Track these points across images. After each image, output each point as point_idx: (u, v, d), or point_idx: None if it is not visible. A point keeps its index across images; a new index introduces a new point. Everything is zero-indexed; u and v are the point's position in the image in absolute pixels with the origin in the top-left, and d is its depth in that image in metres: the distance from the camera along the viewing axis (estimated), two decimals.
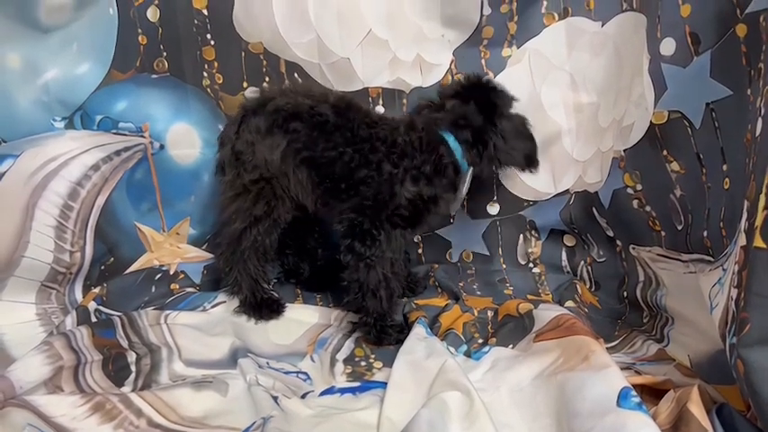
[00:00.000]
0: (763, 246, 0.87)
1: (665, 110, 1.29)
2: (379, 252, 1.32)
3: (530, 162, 1.37)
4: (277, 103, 1.36)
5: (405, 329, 1.35)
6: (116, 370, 1.19)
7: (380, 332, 1.35)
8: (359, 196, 1.32)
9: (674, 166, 1.30)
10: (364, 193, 1.31)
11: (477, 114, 1.33)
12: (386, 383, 1.14)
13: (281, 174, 1.36)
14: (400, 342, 1.28)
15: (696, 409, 0.95)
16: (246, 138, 1.36)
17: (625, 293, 1.51)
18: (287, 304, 1.47)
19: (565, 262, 1.65)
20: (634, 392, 0.97)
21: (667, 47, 1.27)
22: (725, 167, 1.16)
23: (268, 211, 1.38)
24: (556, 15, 1.49)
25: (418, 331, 1.28)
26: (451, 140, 1.33)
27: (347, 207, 1.33)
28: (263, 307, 1.43)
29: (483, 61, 1.54)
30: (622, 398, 0.96)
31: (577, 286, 1.53)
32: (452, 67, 1.55)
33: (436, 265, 1.66)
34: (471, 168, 1.37)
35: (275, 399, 1.10)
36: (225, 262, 1.44)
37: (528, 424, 1.05)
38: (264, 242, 1.40)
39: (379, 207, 1.31)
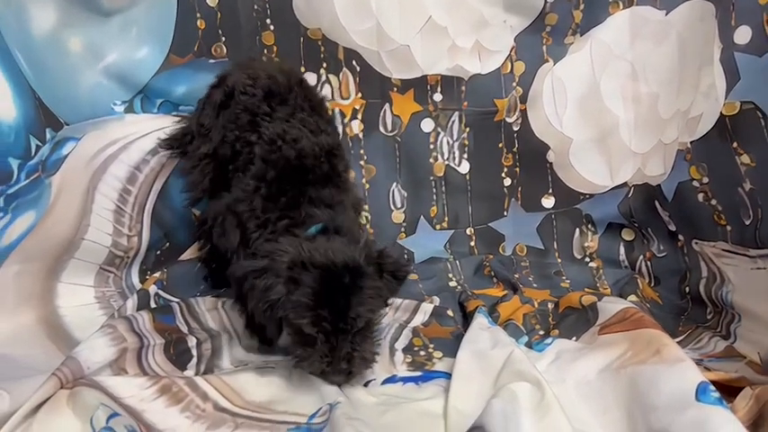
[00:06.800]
0: None
1: (737, 100, 1.26)
2: None
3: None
4: (234, 78, 1.34)
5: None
6: (177, 354, 1.18)
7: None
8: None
9: (745, 158, 1.27)
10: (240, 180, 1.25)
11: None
12: (447, 373, 1.12)
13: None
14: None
15: None
16: (208, 111, 1.37)
17: (687, 289, 1.47)
18: None
19: (623, 256, 1.62)
20: (712, 387, 0.94)
21: (742, 35, 1.24)
22: None
23: (211, 187, 1.39)
24: (621, 4, 1.47)
25: (480, 321, 1.26)
26: (312, 230, 1.14)
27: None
28: None
29: (544, 48, 1.53)
30: (701, 392, 0.92)
31: (638, 281, 1.50)
32: (512, 53, 1.53)
33: (491, 255, 1.64)
34: None
35: (339, 386, 1.09)
36: None
37: (597, 417, 1.02)
38: None
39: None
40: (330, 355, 1.04)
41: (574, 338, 1.24)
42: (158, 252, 1.51)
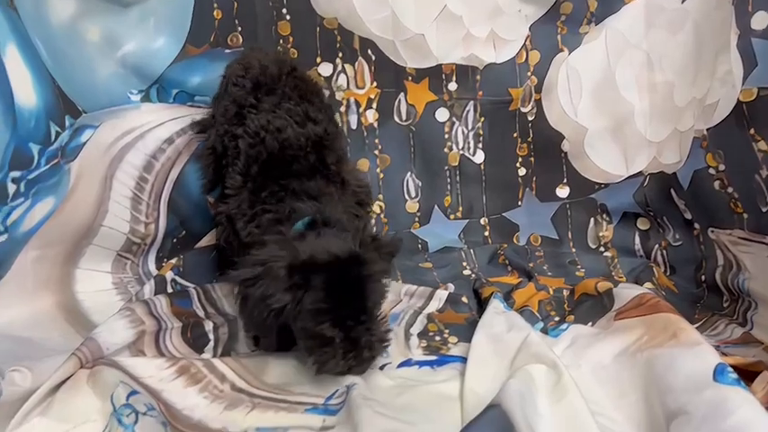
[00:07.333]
0: None
1: (755, 86, 1.26)
2: None
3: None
4: (231, 69, 1.35)
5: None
6: (195, 337, 1.20)
7: None
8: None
9: (762, 145, 1.26)
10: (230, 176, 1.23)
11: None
12: (463, 358, 1.12)
13: None
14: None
15: None
16: (216, 103, 1.39)
17: (703, 277, 1.47)
18: None
19: (638, 246, 1.62)
20: (730, 368, 0.93)
21: (759, 21, 1.25)
22: None
23: (215, 179, 1.39)
24: None
25: (495, 305, 1.26)
26: (299, 225, 1.07)
27: None
28: None
29: (559, 37, 1.53)
30: (719, 373, 0.92)
31: (654, 269, 1.50)
32: (527, 42, 1.53)
33: (505, 245, 1.64)
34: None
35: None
36: None
37: (614, 401, 1.02)
38: None
39: None
40: (353, 349, 0.99)
41: (589, 324, 1.24)
42: (175, 240, 1.52)
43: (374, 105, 1.59)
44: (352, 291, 0.97)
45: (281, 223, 1.08)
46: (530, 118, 1.59)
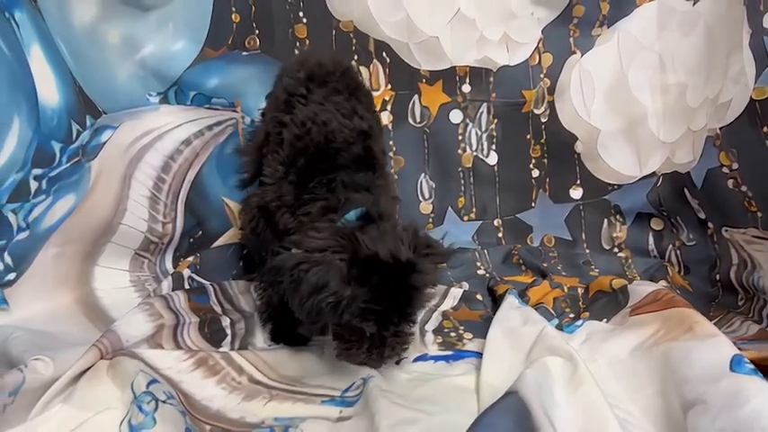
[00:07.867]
0: None
1: None
2: None
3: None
4: (286, 65, 1.34)
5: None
6: (212, 332, 1.21)
7: None
8: None
9: None
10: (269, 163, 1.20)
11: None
12: (479, 353, 1.13)
13: None
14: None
15: None
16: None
17: (717, 277, 1.47)
18: None
19: (652, 246, 1.62)
20: (747, 359, 0.93)
21: None
22: None
23: (256, 175, 1.33)
24: None
25: (511, 301, 1.26)
26: (352, 215, 1.05)
27: None
28: None
29: (572, 40, 1.55)
30: (735, 364, 0.92)
31: (668, 268, 1.50)
32: (540, 45, 1.55)
33: (519, 245, 1.64)
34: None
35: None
36: None
37: (630, 394, 1.02)
38: None
39: None
40: (379, 347, 0.99)
41: (604, 320, 1.24)
42: (191, 240, 1.54)
43: (389, 107, 1.60)
44: (402, 295, 0.96)
45: (332, 212, 1.07)
46: (543, 120, 1.60)
